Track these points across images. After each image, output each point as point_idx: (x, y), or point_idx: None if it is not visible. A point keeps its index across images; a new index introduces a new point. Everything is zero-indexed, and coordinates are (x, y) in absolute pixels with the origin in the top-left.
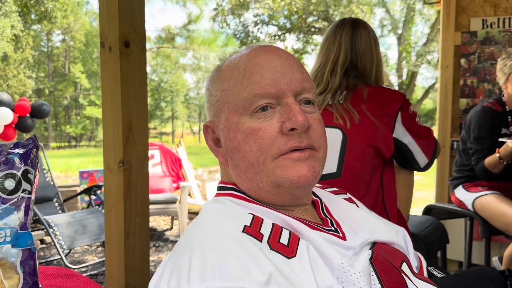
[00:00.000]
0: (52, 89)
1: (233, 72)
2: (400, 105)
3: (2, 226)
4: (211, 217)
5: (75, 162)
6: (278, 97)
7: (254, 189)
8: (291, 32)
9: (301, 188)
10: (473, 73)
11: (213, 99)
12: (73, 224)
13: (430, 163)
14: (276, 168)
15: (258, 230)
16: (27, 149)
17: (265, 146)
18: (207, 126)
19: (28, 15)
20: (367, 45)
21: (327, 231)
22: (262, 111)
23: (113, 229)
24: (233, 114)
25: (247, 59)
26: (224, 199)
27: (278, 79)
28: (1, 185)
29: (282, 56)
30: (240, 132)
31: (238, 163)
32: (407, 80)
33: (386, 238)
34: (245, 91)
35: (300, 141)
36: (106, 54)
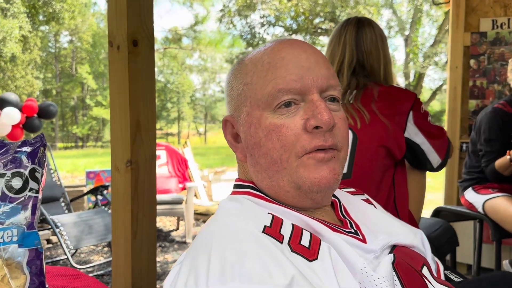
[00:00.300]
0: (59, 90)
1: (257, 65)
2: (411, 104)
3: (9, 225)
4: (229, 215)
5: (82, 162)
6: (303, 93)
7: (274, 188)
8: (298, 33)
9: (322, 192)
10: (482, 74)
11: (234, 93)
12: (79, 224)
13: (443, 163)
14: (300, 167)
15: (279, 231)
16: (35, 148)
17: (288, 144)
18: (227, 121)
19: (36, 16)
20: (373, 44)
21: (347, 233)
22: (285, 107)
23: (120, 229)
24: (255, 109)
25: (272, 52)
26: (242, 198)
27: (304, 74)
28: (8, 184)
29: (308, 50)
30: (262, 128)
31: (259, 160)
32: (414, 82)
33: (407, 241)
34: (269, 85)
35: (325, 140)
36: (115, 53)
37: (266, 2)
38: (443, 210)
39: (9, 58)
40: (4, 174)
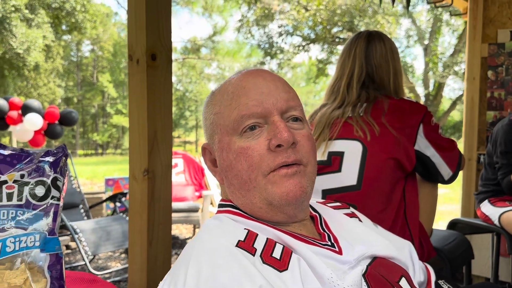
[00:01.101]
0: (80, 98)
1: (223, 96)
2: (421, 117)
3: (31, 231)
4: (208, 232)
5: (101, 169)
6: (265, 116)
7: (248, 206)
8: (316, 43)
9: (291, 205)
10: (500, 85)
11: (207, 122)
12: (97, 230)
13: (454, 175)
14: (267, 184)
15: (252, 244)
16: (57, 157)
17: (255, 164)
18: (205, 148)
19: (59, 26)
20: (382, 57)
21: (322, 246)
22: (250, 130)
23: (136, 236)
24: (225, 135)
25: (235, 83)
26: (222, 216)
27: (263, 99)
28: (32, 192)
29: (267, 78)
30: (232, 151)
31: (232, 181)
32: (433, 91)
33: (385, 252)
34: (234, 112)
35: (287, 157)
36: (134, 67)
37: (284, 12)
38: (459, 222)
39: (33, 66)
40: (28, 182)
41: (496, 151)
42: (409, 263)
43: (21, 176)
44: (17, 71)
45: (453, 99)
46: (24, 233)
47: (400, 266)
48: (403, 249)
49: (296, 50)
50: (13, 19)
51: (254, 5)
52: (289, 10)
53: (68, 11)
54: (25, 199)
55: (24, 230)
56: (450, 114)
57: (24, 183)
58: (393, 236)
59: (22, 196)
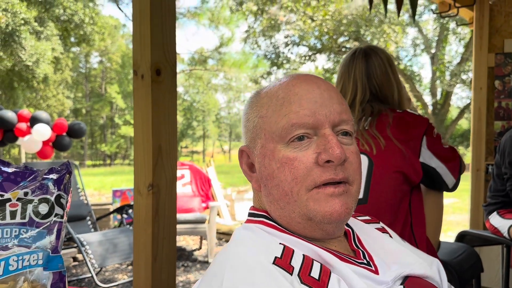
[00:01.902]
0: (89, 109)
1: (272, 99)
2: (424, 129)
3: (35, 249)
4: (242, 245)
5: (109, 180)
6: (316, 127)
7: (285, 219)
8: (322, 53)
9: (333, 223)
10: (508, 95)
11: (250, 124)
12: (104, 243)
13: (457, 182)
14: (310, 200)
15: (289, 262)
16: (61, 175)
17: (299, 177)
18: (243, 151)
19: (68, 39)
20: (383, 74)
21: (359, 264)
22: (298, 140)
23: (141, 251)
24: (270, 141)
25: (286, 87)
26: (255, 227)
27: (316, 109)
28: (35, 210)
29: (321, 86)
30: (276, 160)
31: (271, 190)
32: (441, 100)
33: (421, 271)
34: (283, 119)
35: (336, 174)
36: (139, 82)
37: (290, 23)
38: (468, 234)
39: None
40: (32, 200)
41: (505, 161)
42: (438, 281)
43: (25, 194)
44: (26, 83)
45: (461, 107)
46: (27, 251)
47: (434, 285)
48: (431, 266)
49: (303, 60)
50: (22, 32)
51: (260, 16)
52: (295, 21)
53: (76, 24)
54: (29, 217)
55: (27, 248)
56: (458, 122)
57: (27, 201)
58: (421, 253)
59: (26, 214)
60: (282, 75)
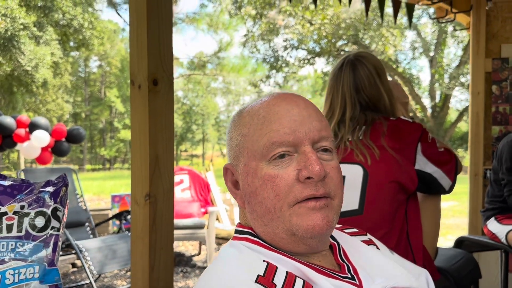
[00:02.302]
0: (88, 113)
1: (253, 118)
2: (419, 136)
3: (31, 262)
4: (226, 264)
5: (109, 184)
6: (296, 145)
7: (269, 235)
8: (321, 56)
9: (316, 238)
10: (505, 100)
11: (233, 143)
12: (103, 249)
13: (453, 184)
14: (292, 215)
15: (271, 279)
16: (57, 187)
17: (281, 193)
18: (227, 169)
19: (67, 43)
20: (372, 86)
21: (342, 279)
22: (279, 158)
23: (138, 261)
24: (252, 159)
25: (267, 106)
26: (239, 244)
27: (296, 127)
28: (32, 223)
29: (301, 105)
30: (258, 178)
31: (255, 207)
32: (440, 103)
33: (406, 284)
34: (264, 138)
35: (316, 190)
36: (136, 92)
37: (289, 27)
38: (466, 240)
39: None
40: (28, 213)
41: (502, 167)
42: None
43: (21, 207)
44: (25, 87)
45: (460, 110)
46: (24, 264)
47: None
48: (419, 278)
49: (302, 64)
50: (21, 37)
51: (259, 20)
52: (294, 25)
53: (75, 28)
54: (25, 230)
55: (24, 261)
56: (457, 125)
57: (24, 214)
58: (410, 264)
59: (22, 228)
60: (281, 78)
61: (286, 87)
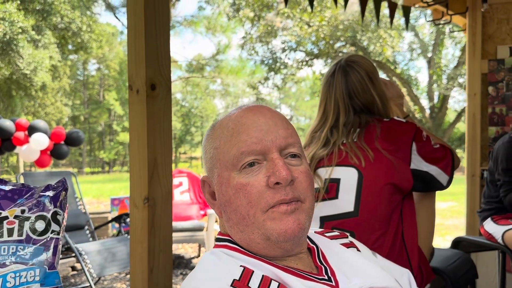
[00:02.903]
0: (87, 116)
1: (223, 131)
2: (412, 135)
3: (32, 265)
4: (205, 270)
5: (108, 187)
6: (264, 153)
7: (245, 241)
8: (319, 58)
9: (289, 241)
10: (501, 101)
11: (207, 156)
12: (103, 252)
13: (451, 178)
14: (266, 220)
15: (247, 283)
16: (57, 192)
17: (254, 200)
18: (204, 181)
19: (65, 46)
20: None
21: (318, 280)
22: (249, 166)
23: (137, 264)
24: (224, 170)
25: (235, 119)
26: (219, 251)
27: (262, 137)
28: (32, 227)
29: (267, 115)
30: (231, 187)
31: (230, 215)
32: (438, 104)
33: (382, 284)
34: (233, 148)
35: (286, 194)
36: (134, 97)
37: (287, 29)
38: (463, 240)
39: (40, 86)
40: (29, 217)
41: (498, 168)
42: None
43: (22, 212)
44: (24, 91)
45: (458, 111)
46: (25, 268)
47: None
48: (401, 278)
49: (300, 65)
50: (20, 41)
51: (257, 22)
52: (292, 27)
53: (74, 32)
54: (26, 234)
55: (25, 265)
56: (455, 126)
57: (24, 218)
58: (392, 265)
59: (23, 231)
60: (279, 80)
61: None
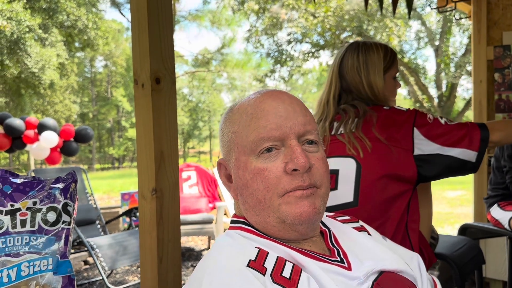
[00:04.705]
0: (95, 113)
1: (242, 115)
2: (412, 121)
3: (45, 255)
4: (221, 251)
5: (118, 183)
6: (282, 139)
7: (261, 224)
8: (325, 49)
9: (304, 224)
10: (508, 87)
11: (225, 139)
12: (114, 245)
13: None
14: (282, 204)
15: (262, 264)
16: (67, 184)
17: (271, 185)
18: (220, 163)
19: (72, 44)
20: (353, 70)
21: (332, 262)
22: (267, 152)
23: (147, 254)
24: (242, 154)
25: (254, 104)
26: (234, 233)
27: (281, 123)
28: (44, 218)
29: (286, 101)
30: (248, 171)
31: (247, 199)
32: (447, 92)
33: (393, 266)
34: (252, 134)
35: (303, 181)
36: (139, 91)
37: (292, 20)
38: (470, 227)
39: (48, 84)
40: (40, 209)
41: (504, 155)
42: (418, 275)
43: (34, 203)
44: (33, 89)
45: (467, 99)
46: (38, 257)
47: (409, 279)
48: (411, 261)
49: (306, 57)
50: (27, 39)
51: (262, 14)
52: (297, 18)
53: (80, 29)
54: (38, 225)
55: (38, 254)
56: (464, 114)
57: (36, 209)
58: (402, 249)
59: (35, 222)
60: (286, 72)
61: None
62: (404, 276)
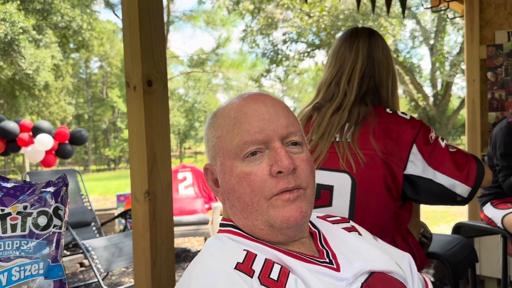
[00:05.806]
0: (91, 114)
1: (226, 120)
2: (414, 136)
3: (36, 259)
4: (209, 255)
5: (114, 184)
6: (266, 142)
7: (249, 227)
8: (321, 48)
9: (292, 228)
10: (501, 86)
11: (210, 144)
12: (109, 247)
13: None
14: (270, 208)
15: (250, 266)
16: (58, 188)
17: (257, 189)
18: (207, 168)
19: (67, 45)
20: (384, 54)
21: (320, 263)
22: (252, 155)
23: (140, 257)
24: (227, 159)
25: (237, 108)
26: (223, 236)
27: (264, 126)
28: (35, 222)
29: (268, 103)
30: (234, 175)
31: (234, 203)
32: (442, 91)
33: (383, 267)
34: (236, 138)
35: (288, 182)
36: (131, 93)
37: (287, 20)
38: (463, 225)
39: (43, 86)
40: (31, 213)
41: (496, 153)
42: (409, 276)
43: (24, 208)
44: (27, 91)
45: (462, 97)
46: (29, 261)
47: (399, 280)
48: (402, 261)
49: (302, 57)
50: (21, 41)
51: (257, 14)
52: (292, 18)
53: (75, 30)
54: (29, 229)
55: (29, 259)
56: (460, 112)
57: (27, 214)
58: (392, 249)
59: (26, 227)
60: (282, 72)
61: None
62: (394, 277)
